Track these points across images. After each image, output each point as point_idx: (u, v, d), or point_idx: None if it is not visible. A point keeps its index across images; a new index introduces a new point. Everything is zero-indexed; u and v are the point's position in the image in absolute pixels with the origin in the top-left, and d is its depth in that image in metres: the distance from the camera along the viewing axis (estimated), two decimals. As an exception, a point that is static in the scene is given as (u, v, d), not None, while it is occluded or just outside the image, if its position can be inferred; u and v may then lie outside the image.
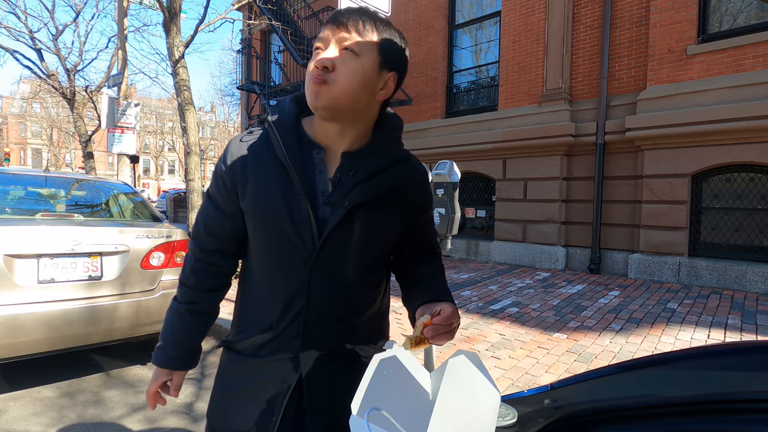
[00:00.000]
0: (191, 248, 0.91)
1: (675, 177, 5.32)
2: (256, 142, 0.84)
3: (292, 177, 0.79)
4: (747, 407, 0.64)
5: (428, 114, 8.03)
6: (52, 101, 28.90)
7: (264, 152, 0.82)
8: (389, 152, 0.87)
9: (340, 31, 0.76)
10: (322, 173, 0.82)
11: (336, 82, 0.76)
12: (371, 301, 0.89)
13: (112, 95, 8.16)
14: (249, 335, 0.86)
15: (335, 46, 0.77)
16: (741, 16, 5.10)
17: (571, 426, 0.75)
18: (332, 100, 0.76)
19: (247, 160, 0.82)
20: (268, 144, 0.83)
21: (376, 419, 0.54)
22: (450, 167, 2.61)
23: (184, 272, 0.92)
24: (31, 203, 3.04)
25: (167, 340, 0.91)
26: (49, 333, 2.50)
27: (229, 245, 0.89)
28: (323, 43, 0.78)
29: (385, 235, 0.87)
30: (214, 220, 0.87)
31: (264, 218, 0.81)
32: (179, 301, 0.92)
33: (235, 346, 0.88)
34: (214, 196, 0.87)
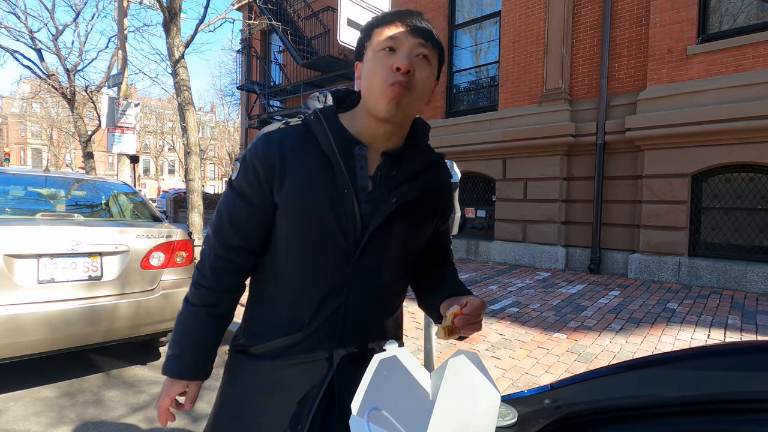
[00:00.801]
0: (211, 245, 0.84)
1: (675, 177, 5.32)
2: (295, 133, 0.81)
3: (337, 170, 0.77)
4: (747, 407, 0.64)
5: (428, 114, 8.03)
6: (52, 101, 28.90)
7: (305, 143, 0.79)
8: (427, 155, 0.88)
9: (417, 37, 0.75)
10: (362, 170, 0.81)
11: (415, 89, 0.76)
12: (398, 304, 0.91)
13: (112, 95, 8.16)
14: (272, 337, 0.81)
15: (409, 49, 0.75)
16: (741, 16, 5.10)
17: (571, 426, 0.75)
18: (410, 107, 0.77)
19: (286, 150, 0.79)
20: (309, 135, 0.80)
21: (376, 419, 0.53)
22: (450, 167, 2.61)
23: (201, 272, 0.84)
24: (31, 203, 3.04)
25: (183, 347, 0.83)
26: (49, 333, 2.50)
27: (255, 242, 0.83)
28: (396, 44, 0.76)
29: (420, 237, 0.88)
30: (241, 214, 0.81)
31: (305, 212, 0.77)
32: (195, 304, 0.84)
33: (253, 350, 0.83)
34: (242, 188, 0.81)
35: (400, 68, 0.73)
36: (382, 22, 0.78)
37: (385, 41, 0.76)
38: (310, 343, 0.80)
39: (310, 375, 0.80)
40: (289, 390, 0.80)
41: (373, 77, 0.76)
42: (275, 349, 0.81)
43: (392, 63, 0.74)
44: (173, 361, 0.84)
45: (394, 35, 0.76)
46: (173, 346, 0.85)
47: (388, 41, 0.76)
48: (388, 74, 0.74)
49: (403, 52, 0.75)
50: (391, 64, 0.74)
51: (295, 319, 0.80)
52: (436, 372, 0.67)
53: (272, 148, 0.79)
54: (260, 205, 0.81)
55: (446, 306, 0.81)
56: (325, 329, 0.80)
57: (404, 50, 0.75)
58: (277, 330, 0.81)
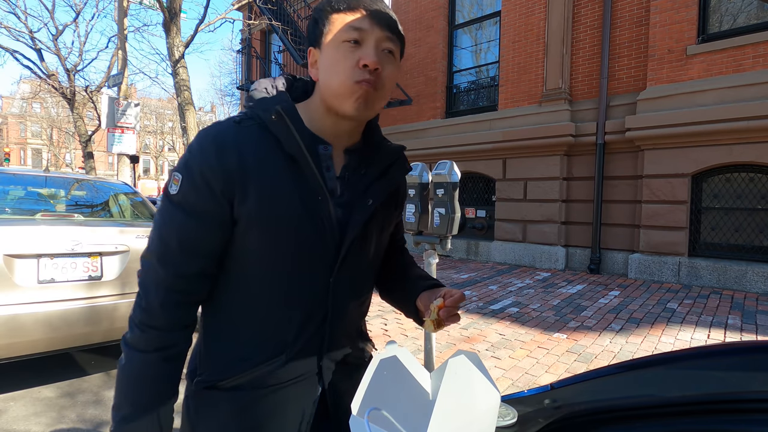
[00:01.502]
0: (157, 278, 0.69)
1: (675, 177, 5.32)
2: (251, 134, 0.70)
3: (308, 175, 0.70)
4: (747, 407, 0.64)
5: (428, 114, 8.03)
6: (52, 101, 28.91)
7: (265, 146, 0.69)
8: (390, 148, 0.83)
9: (384, 30, 0.69)
10: (329, 171, 0.74)
11: (383, 88, 0.70)
12: (370, 300, 0.88)
13: (112, 95, 8.16)
14: (248, 366, 0.72)
15: (375, 44, 0.68)
16: (741, 16, 5.10)
17: (571, 426, 0.75)
18: (378, 105, 0.72)
19: (245, 154, 0.68)
20: (267, 136, 0.70)
21: (376, 419, 0.53)
22: (450, 167, 2.61)
23: (147, 311, 0.69)
24: (31, 203, 3.04)
25: (137, 405, 0.69)
26: (49, 333, 2.50)
27: (212, 264, 0.71)
28: (361, 36, 0.68)
29: (389, 232, 0.87)
30: (194, 234, 0.68)
31: (279, 224, 0.69)
32: (144, 350, 0.69)
33: (225, 384, 0.72)
34: (190, 203, 0.68)
35: (367, 65, 0.67)
36: (345, 7, 0.69)
37: (350, 32, 0.67)
38: (295, 362, 0.73)
39: (299, 394, 0.74)
40: (279, 415, 0.73)
41: (336, 72, 0.68)
42: (255, 378, 0.72)
43: (358, 58, 0.67)
44: (125, 423, 0.69)
45: (360, 26, 0.67)
46: (123, 404, 0.69)
47: (352, 32, 0.67)
48: (354, 70, 0.67)
49: (370, 47, 0.68)
50: (356, 60, 0.67)
51: (277, 342, 0.72)
52: (436, 372, 0.67)
53: (227, 153, 0.67)
54: (217, 222, 0.69)
55: (426, 300, 0.79)
56: (310, 345, 0.74)
57: (371, 44, 0.68)
58: (253, 357, 0.72)
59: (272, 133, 0.70)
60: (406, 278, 0.90)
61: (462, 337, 3.46)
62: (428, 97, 8.02)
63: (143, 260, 0.72)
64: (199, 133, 0.71)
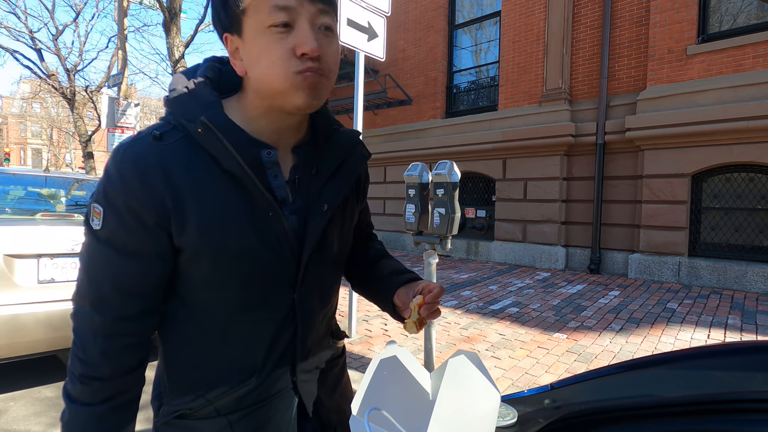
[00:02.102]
0: (94, 325, 0.60)
1: (675, 177, 5.32)
2: (177, 149, 0.59)
3: (254, 192, 0.61)
4: (747, 407, 0.64)
5: (428, 114, 8.03)
6: (52, 101, 28.92)
7: (198, 163, 0.60)
8: (343, 137, 0.74)
9: (315, 2, 0.58)
10: (277, 178, 0.66)
11: (329, 73, 0.61)
12: (338, 297, 0.83)
13: (112, 95, 8.16)
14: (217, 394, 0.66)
15: (310, 23, 0.58)
16: (741, 16, 5.10)
17: (571, 426, 0.75)
18: (327, 93, 0.62)
19: (174, 175, 0.58)
20: (198, 151, 0.60)
21: (376, 419, 0.54)
22: (450, 167, 2.61)
23: (87, 362, 0.60)
24: (31, 203, 3.04)
25: None
26: (50, 333, 2.50)
27: (156, 300, 0.64)
28: (291, 16, 0.57)
29: (353, 227, 0.81)
30: (129, 273, 0.60)
31: (229, 249, 0.61)
32: (91, 402, 0.60)
33: (196, 414, 0.66)
34: (119, 240, 0.59)
35: (306, 53, 0.57)
36: None
37: (275, 13, 0.56)
38: (268, 382, 0.68)
39: (277, 408, 0.70)
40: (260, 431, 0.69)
41: (269, 63, 0.58)
42: (227, 404, 0.66)
43: (292, 45, 0.57)
44: None
45: (286, 4, 0.56)
46: None
47: (279, 14, 0.56)
48: (292, 61, 0.57)
49: (304, 29, 0.57)
50: (291, 48, 0.57)
51: (245, 367, 0.67)
52: (436, 372, 0.67)
53: (152, 177, 0.57)
54: (156, 256, 0.60)
55: (404, 297, 0.73)
56: (282, 362, 0.69)
57: (304, 25, 0.57)
58: (222, 384, 0.66)
59: (202, 146, 0.60)
60: (379, 273, 0.83)
61: (462, 337, 3.46)
62: (428, 97, 8.02)
63: (74, 304, 0.63)
64: (115, 151, 0.59)
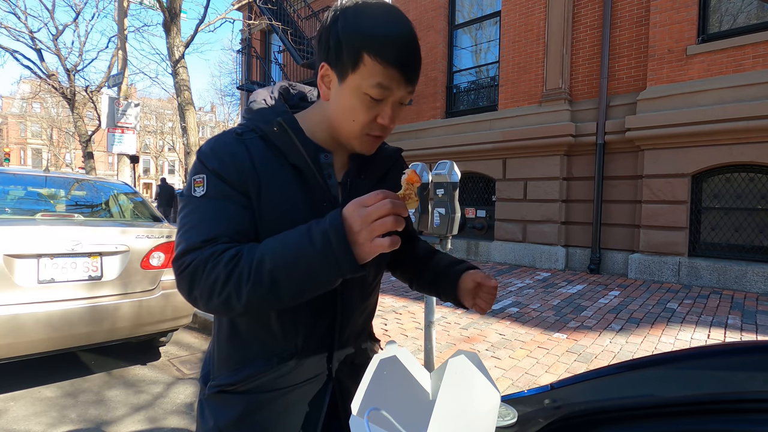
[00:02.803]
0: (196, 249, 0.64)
1: (675, 177, 5.32)
2: (255, 146, 0.71)
3: (313, 184, 0.72)
4: (747, 407, 0.64)
5: (428, 114, 8.03)
6: (52, 101, 28.92)
7: (270, 157, 0.70)
8: (389, 152, 0.85)
9: (408, 86, 0.67)
10: (331, 178, 0.75)
11: (390, 131, 0.73)
12: (377, 300, 0.89)
13: (112, 95, 8.16)
14: (258, 370, 0.73)
15: (398, 101, 0.68)
16: (741, 16, 5.10)
17: (571, 426, 0.75)
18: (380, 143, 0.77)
19: (255, 161, 0.69)
20: (271, 147, 0.71)
21: (376, 419, 0.54)
22: (450, 167, 2.61)
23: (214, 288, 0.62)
24: (31, 203, 3.04)
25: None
26: (50, 333, 2.50)
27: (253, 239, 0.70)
28: (386, 95, 0.66)
29: None
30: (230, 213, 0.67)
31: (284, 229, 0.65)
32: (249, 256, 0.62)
33: (237, 388, 0.74)
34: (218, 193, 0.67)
35: (384, 125, 0.69)
36: (382, 57, 0.62)
37: (377, 89, 0.64)
38: (305, 366, 0.75)
39: (311, 395, 0.76)
40: (291, 416, 0.75)
41: (352, 117, 0.68)
42: (266, 382, 0.73)
43: (377, 114, 0.68)
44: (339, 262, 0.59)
45: (389, 86, 0.64)
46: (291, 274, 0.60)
47: (380, 91, 0.64)
48: (371, 124, 0.69)
49: (391, 105, 0.68)
50: (374, 116, 0.68)
51: (286, 347, 0.74)
52: (436, 372, 0.67)
53: (240, 156, 0.68)
54: (246, 206, 0.68)
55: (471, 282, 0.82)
56: (320, 349, 0.76)
57: (394, 103, 0.68)
58: (264, 362, 0.73)
59: (275, 144, 0.71)
60: (436, 268, 0.91)
61: (462, 337, 3.46)
62: (428, 97, 8.02)
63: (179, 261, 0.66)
64: (207, 142, 0.71)
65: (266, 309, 0.67)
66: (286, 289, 0.60)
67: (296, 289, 0.61)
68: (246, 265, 0.60)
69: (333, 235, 0.57)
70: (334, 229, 0.57)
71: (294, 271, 0.59)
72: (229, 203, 0.67)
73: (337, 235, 0.57)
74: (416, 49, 0.66)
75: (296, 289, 0.61)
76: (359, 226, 0.57)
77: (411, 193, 0.63)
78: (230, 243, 0.64)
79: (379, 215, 0.56)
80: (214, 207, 0.67)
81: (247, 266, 0.60)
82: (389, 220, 0.56)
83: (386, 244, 0.56)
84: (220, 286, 0.61)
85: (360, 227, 0.57)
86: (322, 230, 0.58)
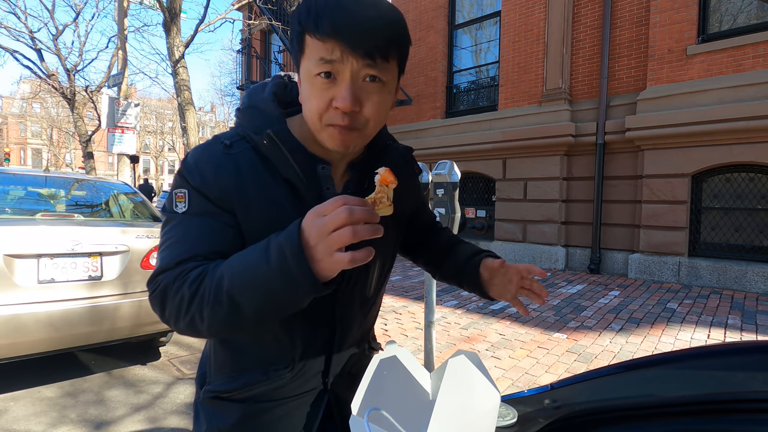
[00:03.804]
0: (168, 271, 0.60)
1: (675, 177, 5.32)
2: (243, 156, 0.65)
3: (308, 200, 0.65)
4: (747, 407, 0.64)
5: (428, 114, 8.03)
6: (52, 101, 28.92)
7: (261, 168, 0.65)
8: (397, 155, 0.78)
9: (360, 58, 0.56)
10: (330, 190, 0.70)
11: (364, 127, 0.62)
12: (380, 303, 0.86)
13: (112, 95, 8.16)
14: (254, 380, 0.70)
15: (351, 77, 0.57)
16: (741, 16, 5.10)
17: (571, 426, 0.75)
18: (360, 143, 0.64)
19: (242, 175, 0.64)
20: (263, 158, 0.66)
21: (376, 419, 0.54)
22: (450, 167, 2.61)
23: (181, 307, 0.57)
24: (31, 203, 3.04)
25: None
26: (50, 333, 2.50)
27: None
28: (333, 68, 0.57)
29: (401, 236, 0.85)
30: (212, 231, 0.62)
31: None
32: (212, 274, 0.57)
33: (233, 396, 0.71)
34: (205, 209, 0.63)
35: (339, 108, 0.58)
36: (313, 28, 0.56)
37: (319, 65, 0.57)
38: (301, 379, 0.72)
39: (306, 406, 0.74)
40: (285, 425, 0.73)
41: (310, 108, 0.61)
42: (262, 393, 0.71)
43: (330, 96, 0.58)
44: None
45: (330, 58, 0.56)
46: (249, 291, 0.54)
47: (322, 65, 0.57)
48: (327, 112, 0.59)
49: (344, 83, 0.57)
50: (329, 99, 0.58)
51: (282, 359, 0.70)
52: (436, 372, 0.67)
53: (225, 172, 0.63)
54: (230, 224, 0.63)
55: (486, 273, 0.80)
56: (317, 360, 0.73)
57: (345, 79, 0.57)
58: (260, 372, 0.70)
59: (266, 156, 0.66)
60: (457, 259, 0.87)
61: (462, 337, 3.46)
62: (428, 97, 8.02)
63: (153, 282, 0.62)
64: (192, 152, 0.66)
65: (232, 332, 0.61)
66: (247, 310, 0.54)
67: (256, 311, 0.55)
68: (208, 284, 0.56)
69: (288, 250, 0.51)
70: (290, 243, 0.51)
71: (251, 291, 0.53)
72: (212, 220, 0.63)
73: (293, 249, 0.50)
74: (361, 13, 0.55)
75: (256, 310, 0.55)
76: (315, 239, 0.49)
77: (383, 196, 0.54)
78: (203, 262, 0.60)
79: (335, 226, 0.48)
80: (195, 224, 0.63)
81: (209, 286, 0.55)
82: (346, 232, 0.47)
83: (346, 259, 0.48)
84: (185, 308, 0.57)
85: (316, 240, 0.49)
86: (278, 244, 0.52)
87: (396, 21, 0.59)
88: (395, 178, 0.54)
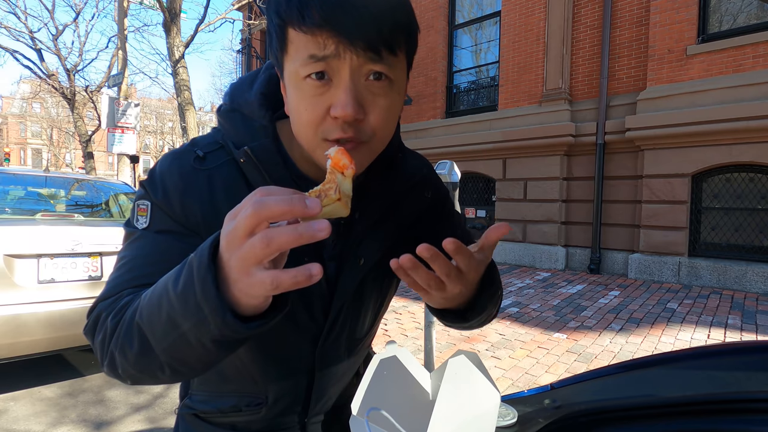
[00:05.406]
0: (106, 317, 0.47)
1: (675, 177, 5.32)
2: (218, 172, 0.55)
3: None
4: (747, 407, 0.64)
5: (428, 114, 8.03)
6: (52, 101, 28.93)
7: (238, 185, 0.54)
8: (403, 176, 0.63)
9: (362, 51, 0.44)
10: None
11: (371, 140, 0.49)
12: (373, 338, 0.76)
13: (112, 95, 8.16)
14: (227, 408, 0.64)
15: (351, 77, 0.45)
16: (741, 16, 5.10)
17: (571, 426, 0.75)
18: (367, 160, 0.51)
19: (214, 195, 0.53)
20: (238, 175, 0.55)
21: (376, 419, 0.54)
22: (450, 167, 2.61)
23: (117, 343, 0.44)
24: (31, 203, 3.04)
25: None
26: (50, 333, 2.50)
27: None
28: (328, 67, 0.45)
29: None
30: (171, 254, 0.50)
31: None
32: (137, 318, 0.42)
33: (209, 419, 0.66)
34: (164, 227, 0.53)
35: (338, 117, 0.45)
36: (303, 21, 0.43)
37: (309, 63, 0.45)
38: (277, 419, 0.66)
39: None
40: None
41: (298, 116, 0.48)
42: (237, 422, 0.66)
43: (325, 103, 0.46)
44: None
45: (324, 54, 0.44)
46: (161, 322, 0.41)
47: (314, 64, 0.44)
48: (324, 124, 0.46)
49: (343, 84, 0.45)
50: (326, 107, 0.46)
51: (257, 397, 0.64)
52: (436, 372, 0.67)
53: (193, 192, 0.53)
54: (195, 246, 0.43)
55: None
56: (293, 406, 0.66)
57: (344, 79, 0.45)
58: (234, 401, 0.64)
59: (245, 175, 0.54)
60: None
61: (462, 337, 3.47)
62: (428, 97, 8.02)
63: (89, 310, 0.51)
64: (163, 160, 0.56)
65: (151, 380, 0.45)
66: (158, 350, 0.40)
67: (169, 353, 0.40)
68: (129, 315, 0.44)
69: (196, 267, 0.36)
70: (199, 258, 0.36)
71: (157, 325, 0.39)
72: (174, 240, 0.52)
73: (200, 267, 0.35)
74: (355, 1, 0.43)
75: (167, 352, 0.40)
76: (228, 252, 0.34)
77: (332, 186, 0.38)
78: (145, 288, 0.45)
79: (245, 230, 0.32)
80: (154, 244, 0.52)
81: (128, 317, 0.44)
82: (257, 240, 0.31)
83: (267, 281, 0.32)
84: (106, 344, 0.45)
85: (229, 254, 0.34)
86: (189, 261, 0.37)
87: (401, 2, 0.47)
88: (352, 160, 0.40)
